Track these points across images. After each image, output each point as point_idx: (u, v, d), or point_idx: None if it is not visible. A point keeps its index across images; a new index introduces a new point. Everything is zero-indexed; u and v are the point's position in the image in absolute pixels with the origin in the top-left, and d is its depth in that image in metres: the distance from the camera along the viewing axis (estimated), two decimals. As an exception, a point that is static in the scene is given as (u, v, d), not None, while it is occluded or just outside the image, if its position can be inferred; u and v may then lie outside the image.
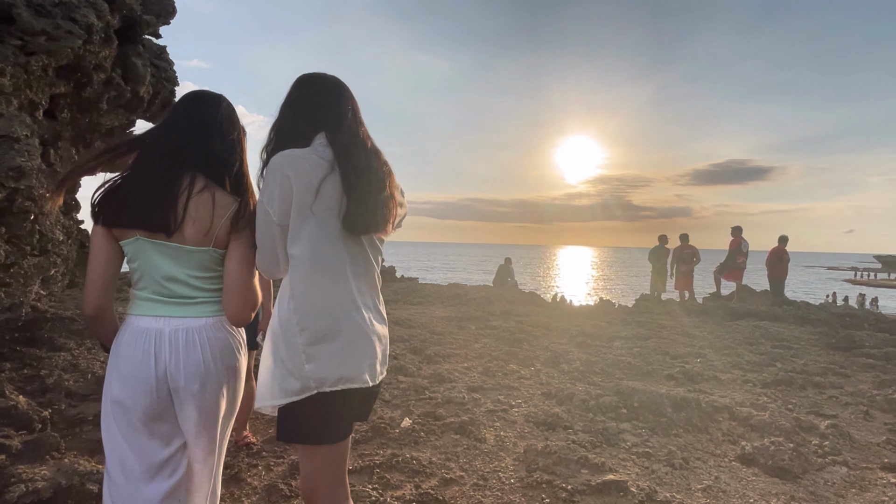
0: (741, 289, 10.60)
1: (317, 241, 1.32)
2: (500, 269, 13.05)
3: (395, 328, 6.67)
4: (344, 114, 1.44)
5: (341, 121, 1.42)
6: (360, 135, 1.44)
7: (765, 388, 4.61)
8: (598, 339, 6.96)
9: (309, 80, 1.47)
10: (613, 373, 5.05)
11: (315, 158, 1.33)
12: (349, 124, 1.43)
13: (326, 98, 1.44)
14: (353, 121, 1.45)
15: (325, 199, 1.31)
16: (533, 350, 5.98)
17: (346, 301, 1.35)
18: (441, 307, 9.93)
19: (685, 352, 5.98)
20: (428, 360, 4.87)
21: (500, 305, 10.02)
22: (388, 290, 12.30)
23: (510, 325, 7.79)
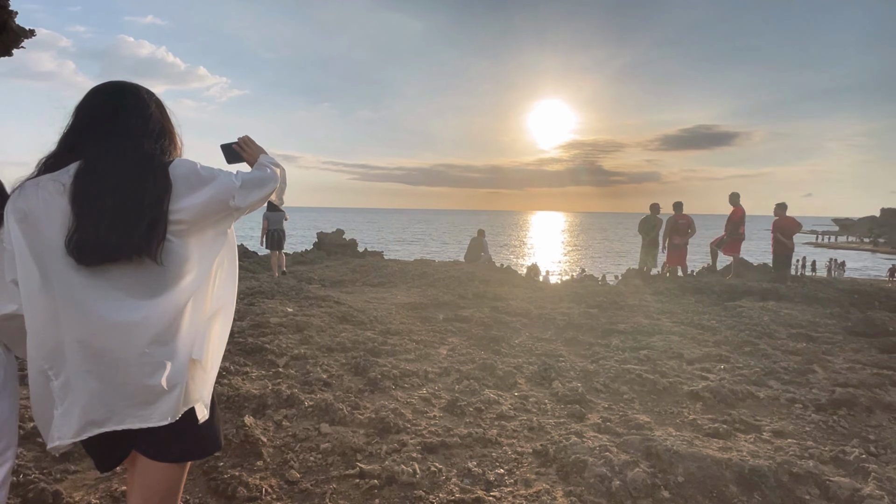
0: (738, 262, 9.57)
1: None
2: (473, 243, 11.71)
3: (342, 327, 5.29)
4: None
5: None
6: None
7: (824, 416, 3.45)
8: (590, 332, 5.74)
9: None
10: (623, 393, 3.80)
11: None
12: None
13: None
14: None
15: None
16: (514, 356, 4.69)
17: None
18: (404, 290, 8.56)
19: (701, 353, 4.80)
20: (372, 387, 3.51)
21: (472, 286, 8.72)
22: (347, 267, 10.85)
23: (484, 313, 6.50)
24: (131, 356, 1.23)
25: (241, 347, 4.27)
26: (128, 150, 1.29)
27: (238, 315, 5.20)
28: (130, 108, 1.35)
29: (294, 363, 3.97)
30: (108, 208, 1.22)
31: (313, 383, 3.49)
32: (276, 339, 4.47)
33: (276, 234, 9.79)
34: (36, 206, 1.22)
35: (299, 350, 4.22)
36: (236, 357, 4.04)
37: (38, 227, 1.22)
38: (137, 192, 1.24)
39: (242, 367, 3.80)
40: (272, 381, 3.52)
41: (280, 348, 4.24)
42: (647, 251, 9.94)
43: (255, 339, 4.41)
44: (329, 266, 11.14)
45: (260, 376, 3.66)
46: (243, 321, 5.00)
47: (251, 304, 6.03)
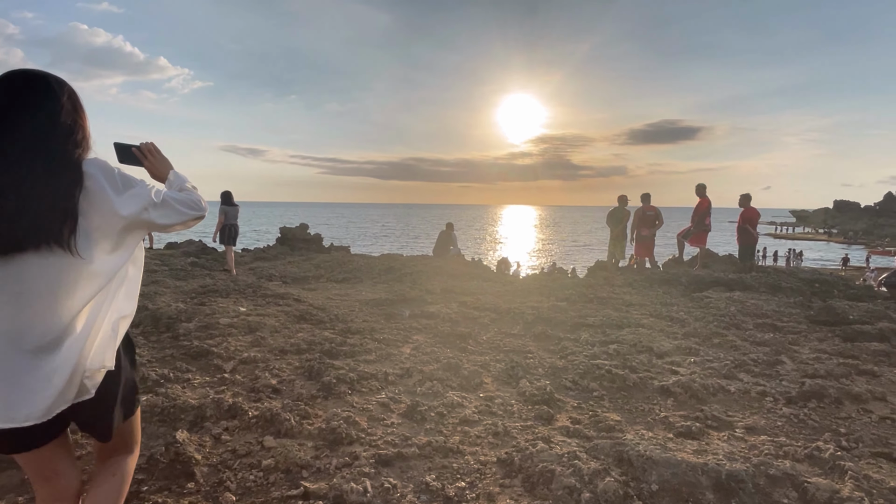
0: (705, 254, 9.63)
1: None
2: (441, 237, 11.47)
3: (299, 327, 4.98)
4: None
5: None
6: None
7: (795, 409, 3.37)
8: (560, 327, 5.59)
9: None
10: (593, 390, 3.65)
11: None
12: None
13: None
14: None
15: None
16: (481, 353, 4.49)
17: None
18: (370, 286, 8.27)
19: (671, 346, 4.70)
20: (326, 392, 3.24)
21: (440, 281, 8.49)
22: (311, 263, 10.47)
23: (452, 309, 6.29)
24: (13, 355, 1.24)
25: (186, 351, 3.93)
26: (38, 146, 1.24)
27: (185, 316, 4.83)
28: (39, 102, 1.28)
29: (242, 368, 3.66)
30: (13, 203, 1.19)
31: (261, 390, 3.20)
32: (224, 342, 4.14)
33: (233, 229, 9.41)
34: None
35: (249, 353, 3.91)
36: (179, 362, 3.70)
37: None
38: (47, 186, 1.22)
39: (184, 374, 3.47)
40: (215, 389, 3.21)
41: (228, 352, 3.92)
42: (615, 243, 9.92)
43: (201, 343, 4.07)
44: (292, 262, 10.73)
45: (203, 383, 3.34)
46: (190, 322, 4.63)
47: (202, 303, 5.65)
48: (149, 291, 6.39)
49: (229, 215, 9.35)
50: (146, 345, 4.13)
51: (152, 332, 4.49)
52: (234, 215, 9.47)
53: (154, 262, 9.11)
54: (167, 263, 9.11)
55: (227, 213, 9.29)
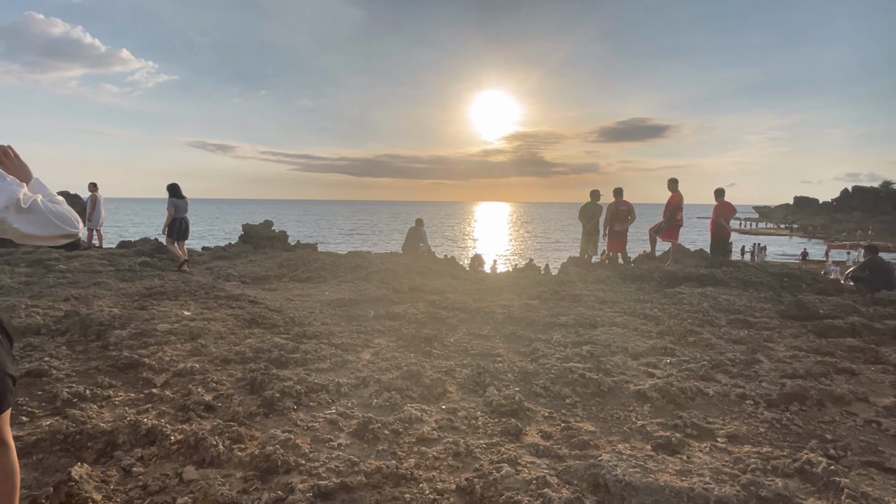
0: (676, 249, 9.55)
1: None
2: (411, 233, 11.10)
3: (248, 332, 4.56)
4: None
5: None
6: None
7: (777, 413, 3.16)
8: (531, 327, 5.32)
9: None
10: (565, 396, 3.37)
11: None
12: None
13: None
14: None
15: None
16: (446, 357, 4.17)
17: None
18: (334, 285, 7.86)
19: (646, 346, 4.48)
20: (267, 409, 2.86)
21: (408, 279, 8.15)
22: (274, 262, 9.97)
23: (419, 309, 5.96)
24: None
25: (113, 363, 3.48)
26: None
27: (120, 322, 4.36)
28: None
29: (175, 381, 3.25)
30: None
31: (192, 408, 2.80)
32: (159, 351, 3.71)
33: (184, 222, 8.96)
34: None
35: (186, 364, 3.49)
36: (102, 377, 3.26)
37: None
38: None
39: (105, 391, 3.04)
40: (137, 409, 2.80)
41: (162, 363, 3.49)
42: (587, 239, 9.75)
43: (132, 353, 3.63)
44: (253, 261, 10.20)
45: (125, 401, 2.92)
46: (124, 329, 4.17)
47: (143, 307, 5.16)
48: (86, 295, 5.85)
49: (179, 208, 8.83)
50: (68, 356, 3.66)
51: (79, 342, 4.01)
52: (185, 209, 9.00)
53: (100, 263, 8.48)
54: (115, 263, 8.49)
55: (178, 207, 8.78)
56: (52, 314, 4.67)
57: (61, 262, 8.32)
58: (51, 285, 6.45)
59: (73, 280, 6.76)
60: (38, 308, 5.02)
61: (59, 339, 4.07)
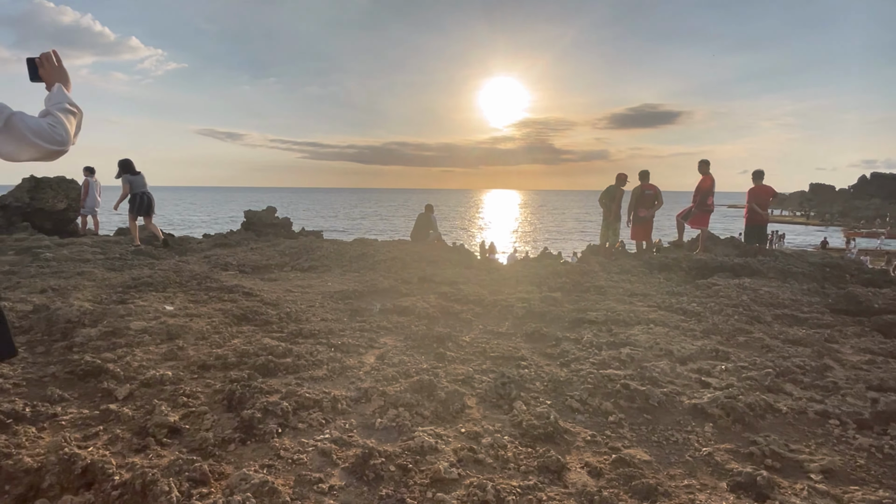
0: (706, 236, 8.87)
1: None
2: (420, 220, 10.51)
3: (237, 330, 4.02)
4: None
5: None
6: None
7: (874, 439, 2.56)
8: (555, 323, 4.74)
9: None
10: (608, 412, 2.79)
11: None
12: None
13: None
14: None
15: None
16: (463, 360, 3.60)
17: None
18: (338, 275, 7.31)
19: (693, 349, 3.88)
20: (245, 433, 2.31)
21: (417, 269, 7.57)
22: (276, 250, 9.43)
23: (430, 302, 5.39)
24: None
25: (72, 370, 2.95)
26: None
27: (90, 318, 3.83)
28: None
29: (140, 394, 2.71)
30: None
31: (152, 432, 2.26)
32: (129, 355, 3.17)
33: (145, 197, 8.85)
34: None
35: (157, 371, 2.95)
36: (54, 387, 2.73)
37: None
38: None
39: (53, 406, 2.51)
40: (85, 432, 2.26)
41: (128, 369, 2.96)
42: (609, 225, 9.10)
43: (96, 356, 3.09)
44: (254, 249, 9.67)
45: (74, 421, 2.39)
46: (94, 328, 3.64)
47: (122, 300, 4.63)
48: (65, 286, 5.35)
49: (135, 184, 8.55)
50: (24, 360, 3.14)
51: (41, 342, 3.49)
52: (142, 184, 8.82)
53: (91, 251, 7.99)
54: (106, 251, 8.00)
55: (133, 183, 8.50)
56: (20, 308, 4.16)
57: (49, 250, 7.84)
58: (31, 275, 5.96)
59: (57, 269, 6.26)
60: (7, 301, 4.52)
61: (19, 338, 3.55)
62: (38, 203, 11.52)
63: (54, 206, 11.74)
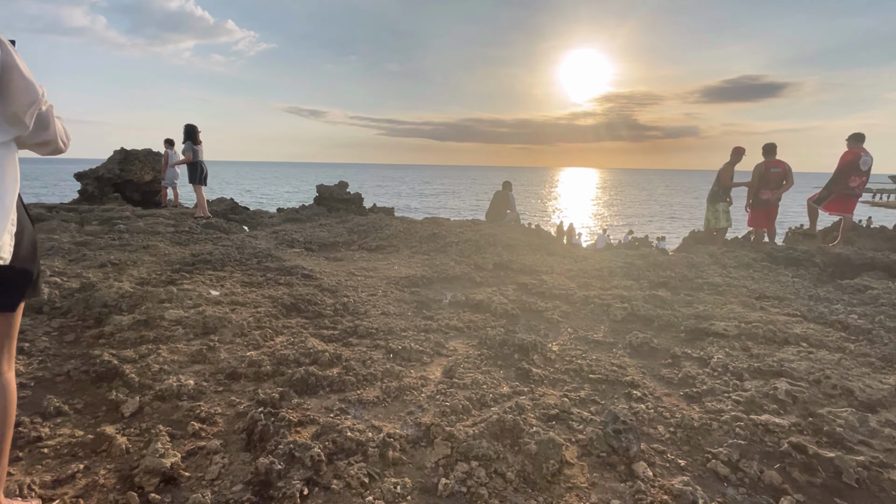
0: (849, 226, 7.25)
1: None
2: (497, 198, 9.63)
3: (283, 324, 3.46)
4: None
5: None
6: None
7: None
8: (668, 332, 3.77)
9: None
10: (779, 493, 1.87)
11: None
12: None
13: None
14: None
15: None
16: (552, 380, 2.79)
17: None
18: (406, 257, 6.68)
19: (884, 388, 2.78)
20: (258, 494, 1.66)
21: (493, 253, 6.77)
22: (344, 227, 9.00)
23: (508, 295, 4.59)
24: None
25: (87, 369, 2.49)
26: None
27: (128, 302, 3.41)
28: None
29: (150, 411, 2.16)
30: None
31: (139, 482, 1.67)
32: (154, 353, 2.67)
33: (202, 167, 8.85)
34: None
35: (178, 378, 2.41)
36: (58, 396, 2.25)
37: None
38: None
39: (45, 423, 2.01)
40: (58, 473, 1.72)
41: (146, 374, 2.44)
42: (715, 208, 7.71)
43: (118, 353, 2.62)
44: (324, 225, 9.32)
45: (57, 450, 1.87)
46: (128, 314, 3.21)
47: (171, 280, 4.25)
48: (125, 261, 5.11)
49: (197, 153, 8.61)
50: (44, 352, 2.73)
51: (73, 328, 3.11)
52: (201, 153, 8.86)
53: (165, 223, 7.96)
54: (178, 224, 7.93)
55: (196, 152, 8.49)
56: (69, 286, 3.87)
57: (126, 222, 7.89)
58: (100, 247, 5.84)
59: (125, 242, 6.13)
60: (63, 276, 4.29)
61: (54, 322, 3.20)
62: (127, 175, 11.94)
63: (142, 178, 12.14)
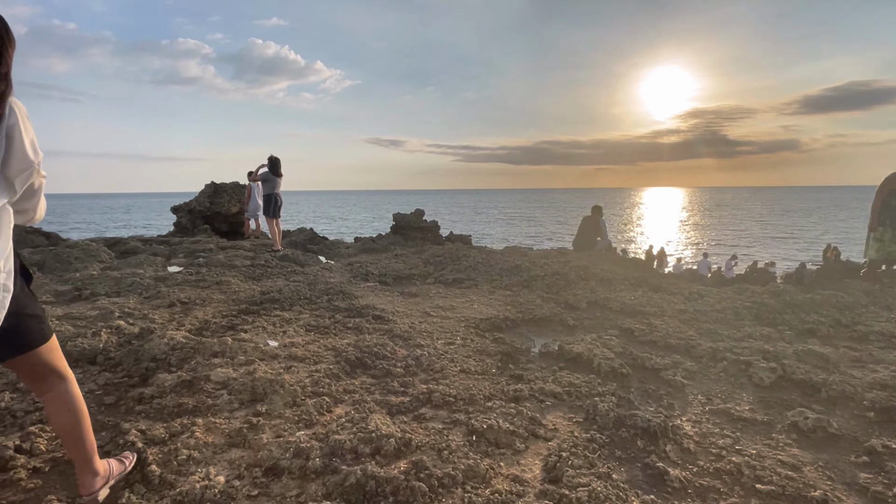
0: None
1: None
2: (585, 224, 8.72)
3: (348, 386, 2.90)
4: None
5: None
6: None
7: None
8: (845, 409, 2.78)
9: None
10: None
11: None
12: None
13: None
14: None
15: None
16: (702, 493, 1.96)
17: None
18: (486, 293, 6.01)
19: None
20: None
21: (586, 289, 5.92)
22: (420, 257, 8.54)
23: (611, 347, 3.76)
24: None
25: (107, 452, 2.04)
26: None
27: (177, 357, 3.02)
28: None
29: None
30: None
31: None
32: (185, 432, 2.20)
33: (278, 199, 8.94)
34: None
35: (208, 472, 1.89)
36: (55, 497, 1.81)
37: None
38: None
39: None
40: None
41: (171, 465, 1.95)
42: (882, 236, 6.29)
43: (142, 433, 2.17)
44: (399, 255, 8.92)
45: None
46: (175, 371, 2.81)
47: (231, 325, 3.89)
48: (195, 299, 4.90)
49: (274, 185, 8.82)
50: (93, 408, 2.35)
51: (118, 386, 2.75)
52: (278, 185, 8.93)
53: (243, 256, 7.93)
54: (255, 257, 7.87)
55: (274, 183, 8.56)
56: (128, 331, 3.61)
57: (207, 254, 7.97)
58: (177, 283, 5.75)
59: (201, 278, 6.02)
60: (130, 318, 4.09)
61: (101, 377, 2.88)
62: (216, 207, 12.44)
63: (229, 210, 12.59)
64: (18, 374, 1.63)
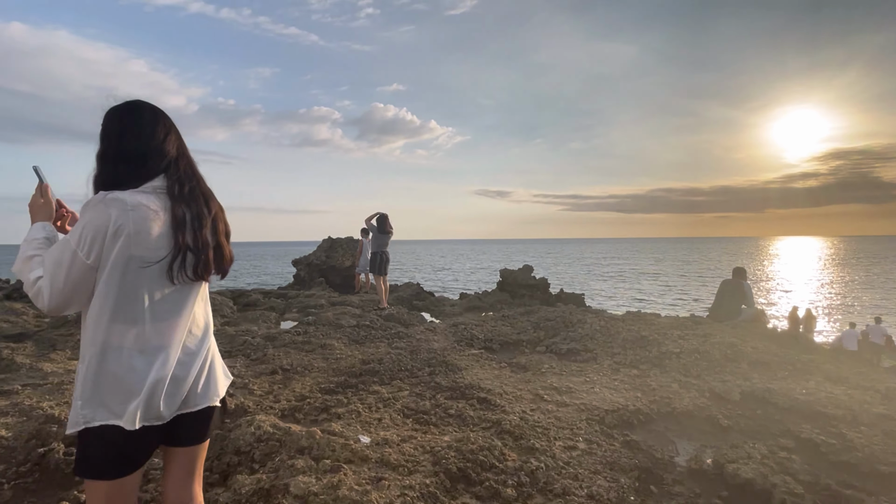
0: None
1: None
2: (726, 289, 7.45)
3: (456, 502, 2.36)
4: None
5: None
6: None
7: None
8: None
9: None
10: None
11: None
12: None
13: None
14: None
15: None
16: None
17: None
18: (608, 372, 5.18)
19: None
20: None
21: (736, 373, 4.85)
22: (529, 320, 7.89)
23: (789, 469, 2.80)
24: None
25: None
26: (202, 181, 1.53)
27: (260, 453, 2.72)
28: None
29: None
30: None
31: None
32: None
33: (384, 256, 8.86)
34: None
35: None
36: None
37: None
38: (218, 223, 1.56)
39: None
40: None
41: None
42: None
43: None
44: (506, 317, 8.34)
45: None
46: (255, 473, 2.48)
47: (325, 407, 3.56)
48: (297, 366, 4.75)
49: (381, 243, 8.75)
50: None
51: (196, 485, 2.49)
52: (386, 243, 8.87)
53: (352, 313, 7.90)
54: (363, 315, 7.78)
55: (380, 241, 8.59)
56: (225, 406, 3.45)
57: (317, 311, 8.07)
58: (284, 343, 5.74)
59: (307, 339, 5.97)
60: (231, 388, 3.99)
61: (186, 467, 2.66)
62: (332, 261, 12.97)
63: (342, 263, 13.06)
64: (173, 471, 1.49)
